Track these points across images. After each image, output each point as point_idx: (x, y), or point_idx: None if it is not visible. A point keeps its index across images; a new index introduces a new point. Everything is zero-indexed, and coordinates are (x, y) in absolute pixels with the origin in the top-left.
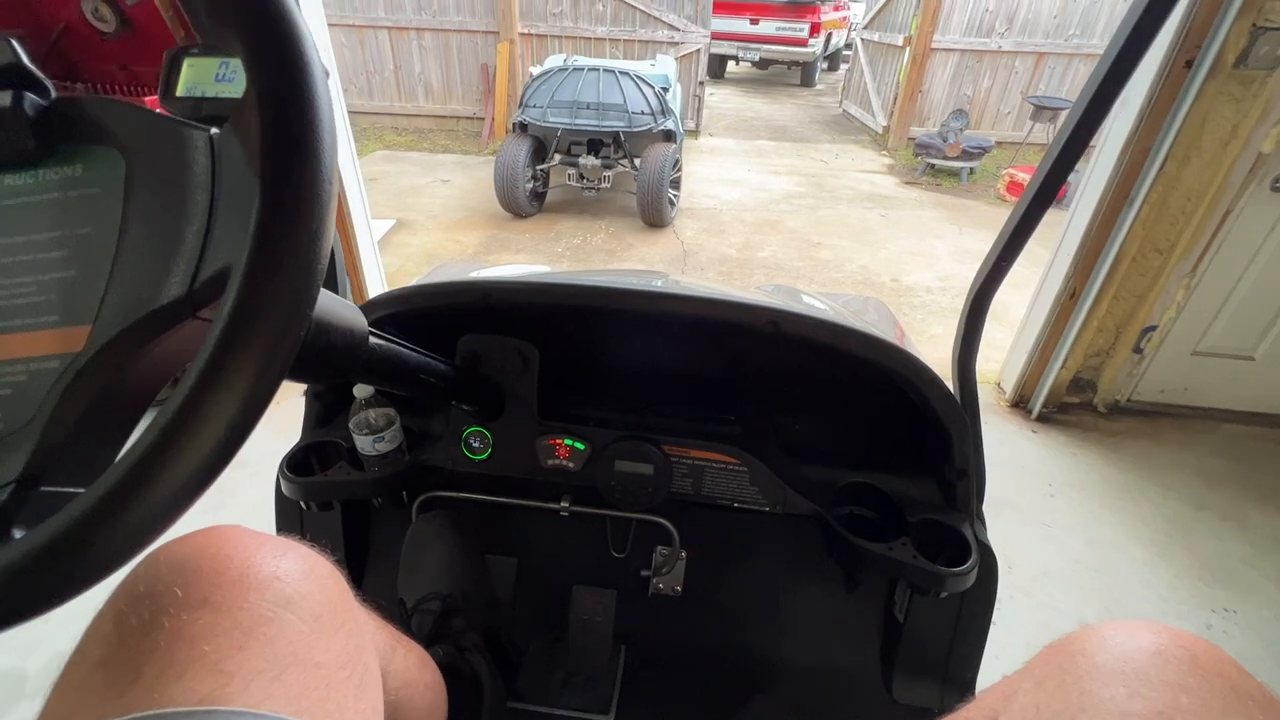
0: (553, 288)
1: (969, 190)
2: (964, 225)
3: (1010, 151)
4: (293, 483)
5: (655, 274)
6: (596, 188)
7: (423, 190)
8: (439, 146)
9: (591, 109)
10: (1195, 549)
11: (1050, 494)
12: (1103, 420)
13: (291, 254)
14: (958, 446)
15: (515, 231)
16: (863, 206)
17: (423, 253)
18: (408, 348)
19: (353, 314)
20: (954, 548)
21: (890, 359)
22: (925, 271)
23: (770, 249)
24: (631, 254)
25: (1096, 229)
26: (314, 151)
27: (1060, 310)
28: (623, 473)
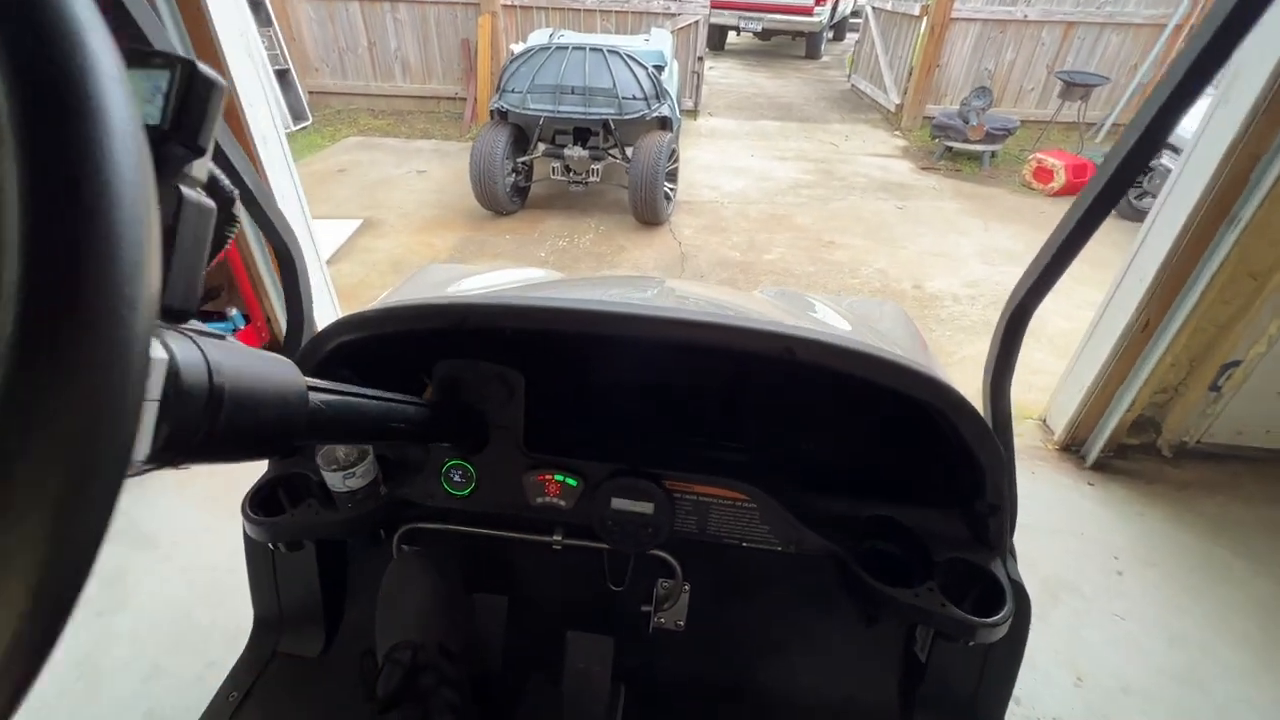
0: (539, 311)
1: (991, 176)
2: (989, 219)
3: (1034, 132)
4: (256, 524)
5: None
6: (584, 181)
7: (395, 183)
8: (417, 131)
9: (577, 94)
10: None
11: (1118, 570)
12: (1169, 468)
13: (73, 350)
14: (991, 479)
15: (494, 233)
16: (877, 197)
17: (390, 260)
18: (365, 395)
19: (282, 374)
20: (984, 588)
21: (919, 388)
22: (950, 276)
23: (778, 250)
24: (623, 258)
25: (1183, 250)
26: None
27: (1130, 343)
28: (620, 511)
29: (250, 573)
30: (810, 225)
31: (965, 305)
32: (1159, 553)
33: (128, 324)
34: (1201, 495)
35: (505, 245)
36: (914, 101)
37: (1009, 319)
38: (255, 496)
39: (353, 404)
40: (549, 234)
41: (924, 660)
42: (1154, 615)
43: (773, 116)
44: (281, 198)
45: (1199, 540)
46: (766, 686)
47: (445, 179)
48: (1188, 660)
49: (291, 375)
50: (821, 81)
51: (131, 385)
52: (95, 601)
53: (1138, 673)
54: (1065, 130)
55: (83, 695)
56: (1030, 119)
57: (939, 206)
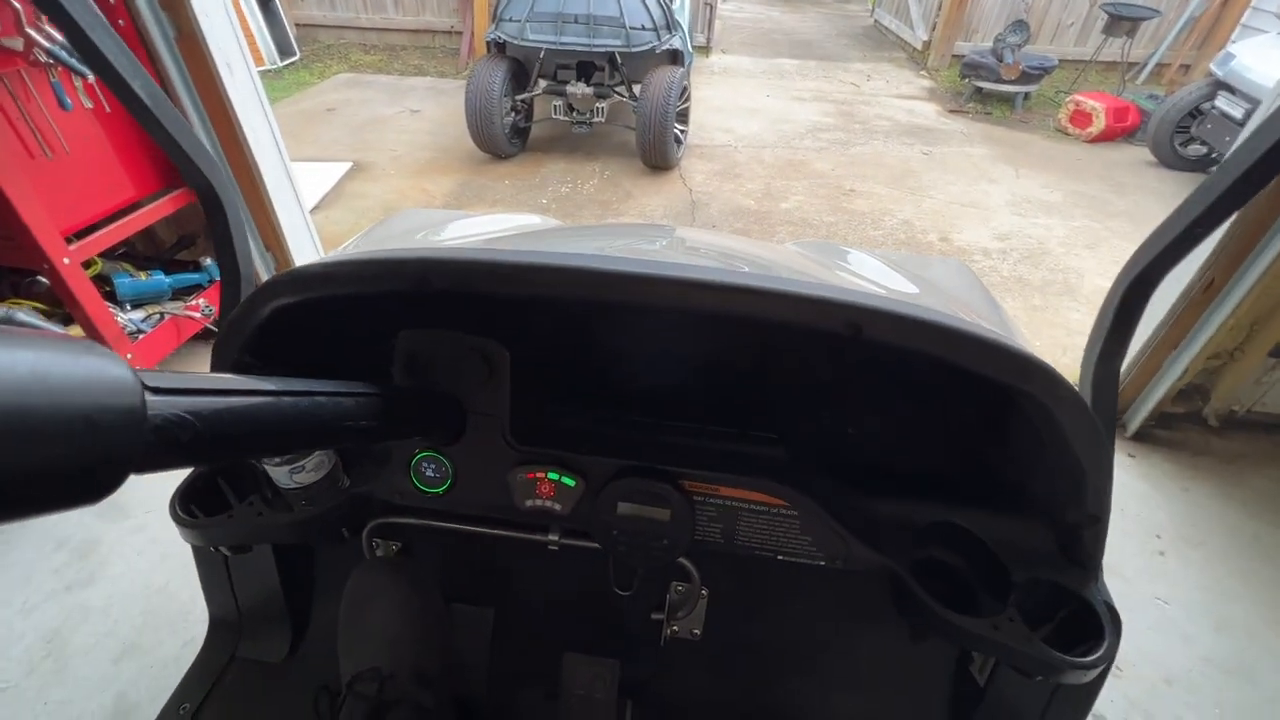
0: (524, 270)
1: (1023, 120)
2: (1020, 166)
3: (1071, 73)
4: (189, 527)
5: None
6: (589, 121)
7: (388, 123)
8: (411, 67)
9: (581, 23)
10: None
11: (1160, 550)
12: (1215, 439)
13: None
14: (1092, 483)
15: (492, 177)
16: (901, 142)
17: (382, 205)
18: (279, 392)
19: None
20: (1068, 614)
21: (1023, 376)
22: (980, 228)
23: (795, 198)
24: (630, 205)
25: (1261, 202)
26: None
27: (1189, 305)
28: (628, 518)
29: (200, 572)
30: (830, 171)
31: (996, 260)
32: (1205, 531)
33: None
34: (1251, 469)
35: (504, 190)
36: (943, 38)
37: (1126, 291)
38: (187, 492)
39: (244, 406)
40: (550, 179)
41: (982, 685)
42: (1199, 599)
43: (790, 54)
44: (255, 138)
45: (1248, 519)
46: (793, 707)
47: (441, 119)
48: (1235, 648)
49: (106, 371)
50: (843, 17)
51: None
52: (64, 574)
53: (1181, 662)
54: (1105, 71)
55: (50, 675)
56: (1068, 58)
57: (967, 152)
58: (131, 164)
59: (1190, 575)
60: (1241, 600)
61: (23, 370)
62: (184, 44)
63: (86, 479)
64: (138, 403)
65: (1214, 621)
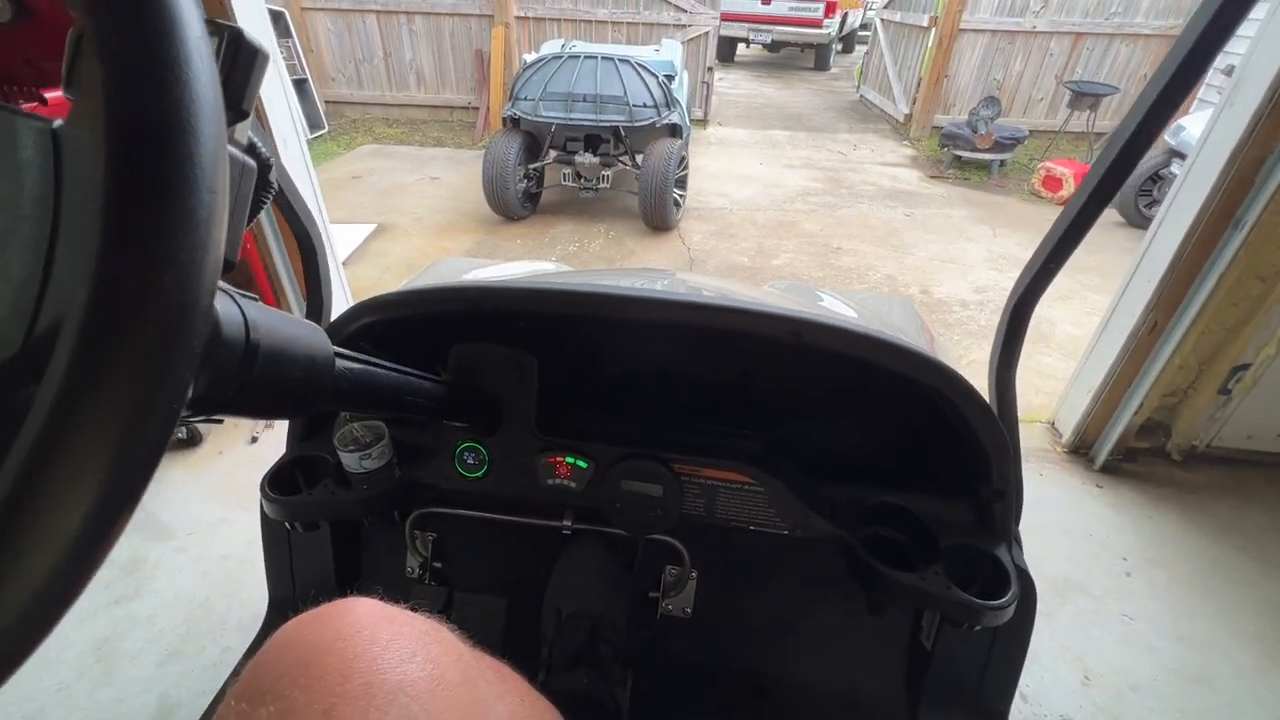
0: (552, 294)
1: (1000, 185)
2: (997, 226)
3: (1043, 141)
4: (274, 502)
5: (660, 272)
6: (595, 188)
7: (409, 189)
8: (431, 139)
9: (588, 101)
10: None
11: (1126, 572)
12: (1179, 471)
13: (147, 296)
14: (996, 465)
15: (506, 237)
16: (885, 205)
17: (404, 262)
18: (386, 367)
19: (311, 337)
20: (989, 574)
21: (923, 372)
22: (959, 281)
23: (786, 255)
24: (633, 261)
25: (1190, 253)
26: (180, 145)
27: (1137, 346)
28: (629, 493)
29: (266, 554)
30: (818, 232)
31: (974, 310)
32: (1168, 554)
33: (202, 271)
34: (1212, 498)
35: (517, 249)
36: (922, 111)
37: (1012, 311)
38: (274, 478)
39: (374, 374)
40: (560, 238)
41: (930, 648)
42: (1163, 615)
43: (781, 126)
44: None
45: (1210, 542)
46: (773, 673)
47: (458, 185)
48: (1197, 659)
49: (320, 340)
50: (830, 92)
51: (199, 327)
52: (112, 588)
53: (1146, 671)
54: (1075, 140)
55: (100, 677)
56: (1039, 129)
57: (947, 214)
58: None
59: (1155, 594)
60: (1204, 616)
61: (291, 330)
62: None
63: (305, 398)
64: (331, 357)
65: (1177, 635)
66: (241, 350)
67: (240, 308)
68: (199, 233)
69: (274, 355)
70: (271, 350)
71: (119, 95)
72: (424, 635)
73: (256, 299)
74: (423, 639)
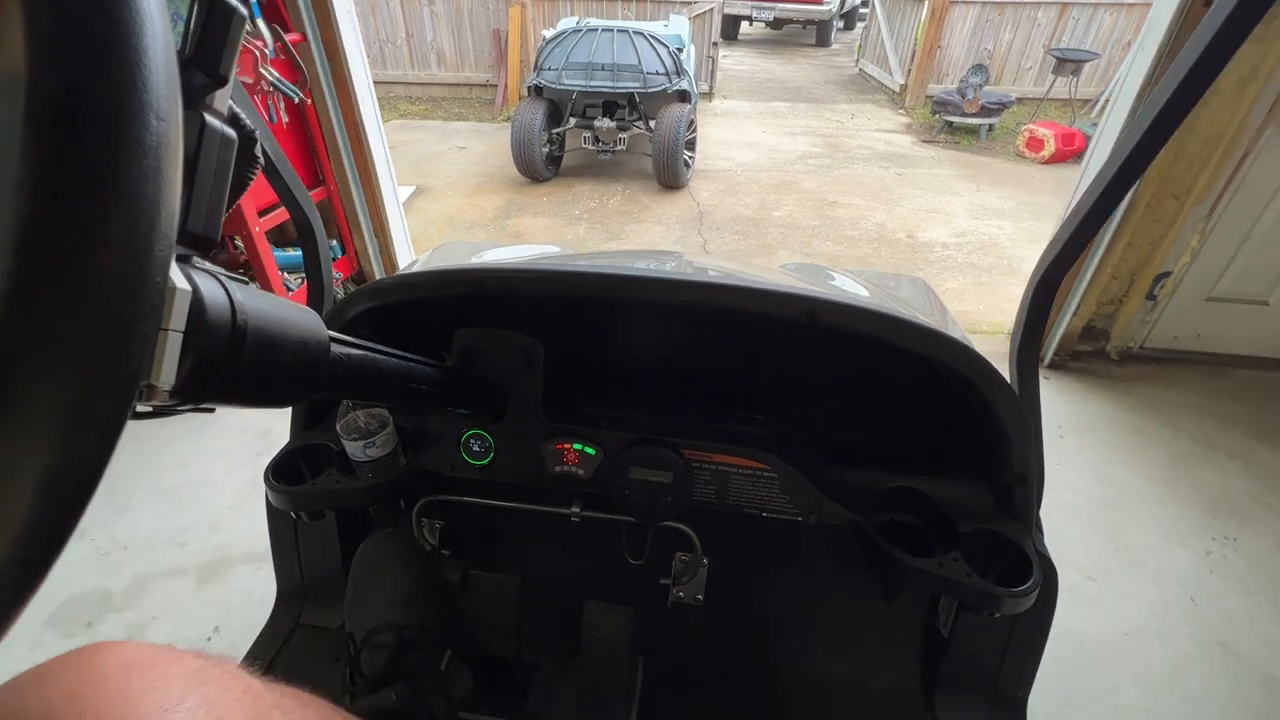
0: (557, 276)
1: (987, 148)
2: (981, 182)
3: (1030, 107)
4: (278, 491)
5: (669, 254)
6: (612, 150)
7: (439, 157)
8: (453, 115)
9: (606, 70)
10: (1201, 484)
11: (1060, 435)
12: (1115, 367)
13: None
14: (1018, 449)
15: (532, 196)
16: (879, 165)
17: (444, 217)
18: (387, 353)
19: (304, 321)
20: (1010, 560)
21: (943, 351)
22: (941, 228)
23: (786, 209)
24: (648, 215)
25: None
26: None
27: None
28: (638, 480)
29: (273, 544)
30: (816, 189)
31: (953, 250)
32: (1097, 423)
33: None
34: (1140, 385)
35: (543, 205)
36: (917, 81)
37: (1036, 287)
38: (277, 466)
39: (373, 360)
40: (581, 196)
41: (947, 635)
42: (1087, 464)
43: (783, 98)
44: (376, 154)
45: (1131, 414)
46: (785, 661)
47: (484, 154)
48: (1110, 491)
49: (315, 324)
50: (831, 67)
51: (148, 302)
52: (253, 445)
53: (1067, 499)
54: (1060, 107)
55: (254, 504)
56: (1028, 96)
57: (936, 173)
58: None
59: (1082, 450)
60: (1119, 464)
61: (283, 312)
62: (339, 84)
63: (300, 384)
64: (326, 342)
65: (1096, 477)
66: (228, 332)
67: (226, 288)
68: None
69: (264, 339)
70: (261, 333)
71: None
72: (193, 676)
73: (248, 282)
74: (192, 681)
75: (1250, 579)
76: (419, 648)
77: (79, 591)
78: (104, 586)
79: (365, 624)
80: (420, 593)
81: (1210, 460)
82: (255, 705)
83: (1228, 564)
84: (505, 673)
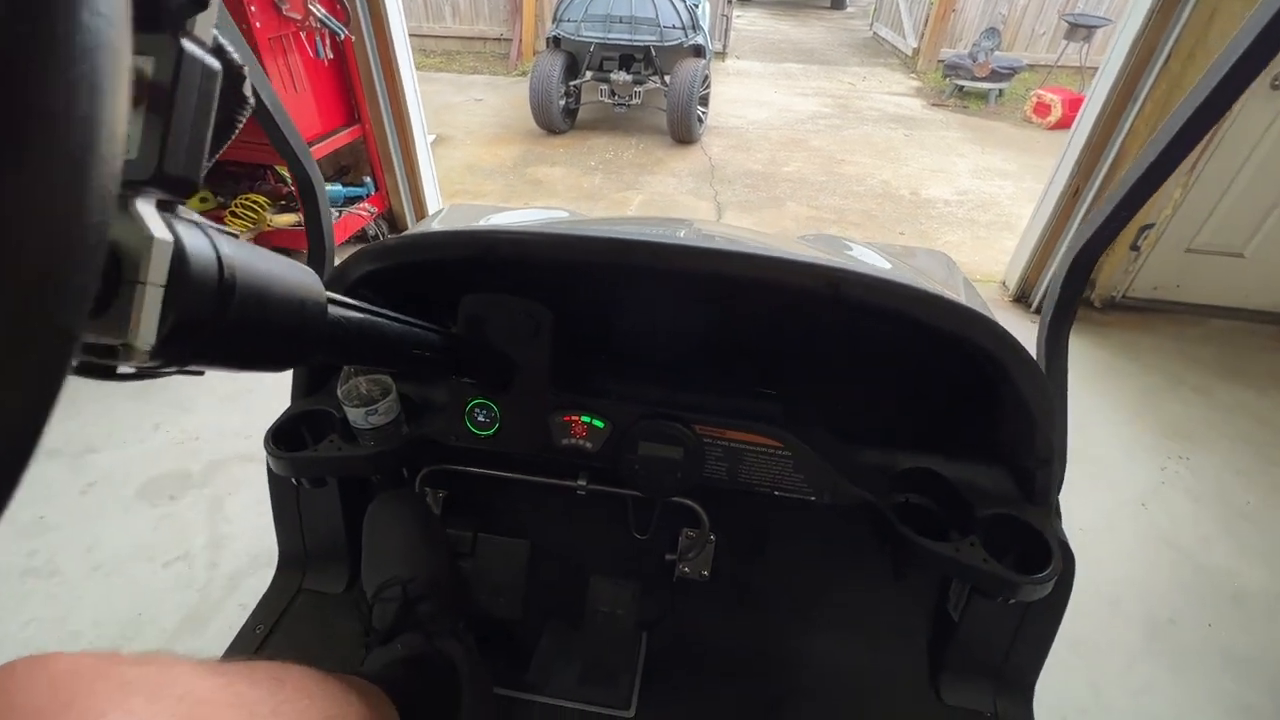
0: (571, 240)
1: (996, 112)
2: (987, 145)
3: (1041, 74)
4: (279, 458)
5: (680, 222)
6: (627, 103)
7: (457, 108)
8: (467, 68)
9: (624, 23)
10: (1163, 413)
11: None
12: (1097, 314)
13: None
14: (1042, 432)
15: (549, 147)
16: (887, 127)
17: (464, 164)
18: (389, 317)
19: (298, 278)
20: (1026, 545)
21: (970, 329)
22: (944, 186)
23: (795, 165)
24: (661, 167)
25: (1102, 125)
26: None
27: (1063, 207)
28: (648, 456)
29: (275, 509)
30: (825, 147)
31: (954, 207)
32: (1073, 361)
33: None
34: (1118, 330)
35: (560, 156)
36: (930, 45)
37: (1072, 263)
38: (278, 432)
39: (374, 323)
40: (596, 149)
41: (957, 619)
42: None
43: (796, 60)
44: (410, 100)
45: (1108, 354)
46: (790, 638)
47: (500, 106)
48: (1076, 418)
49: (311, 282)
50: (845, 30)
51: (83, 247)
52: None
53: None
54: (1072, 74)
55: None
56: (1039, 63)
57: (943, 135)
58: (325, 104)
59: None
60: (1091, 394)
61: (275, 268)
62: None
63: (294, 346)
64: (323, 301)
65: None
66: (214, 289)
67: (211, 239)
68: (72, 112)
69: (254, 295)
70: (251, 289)
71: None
72: (120, 689)
73: (238, 236)
74: (118, 694)
75: (1198, 489)
76: (427, 598)
77: (161, 472)
78: (184, 468)
79: (375, 581)
80: (427, 545)
81: (1176, 394)
82: (191, 712)
83: (1179, 477)
84: (507, 641)
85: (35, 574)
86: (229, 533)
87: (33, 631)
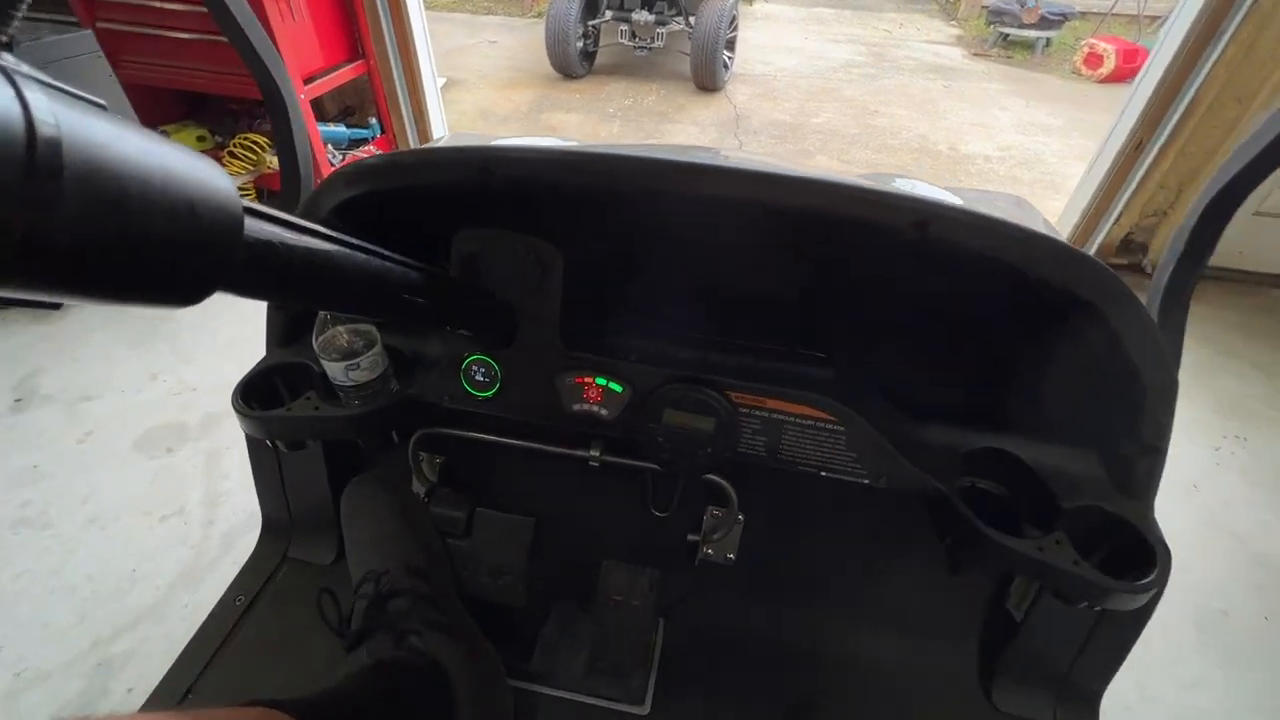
0: (588, 161)
1: (1042, 63)
2: (1031, 99)
3: (1094, 22)
4: (249, 417)
5: (708, 150)
6: (649, 46)
7: (470, 51)
8: (482, 8)
9: None
10: (1218, 389)
11: None
12: (1147, 280)
13: None
14: (1151, 409)
15: (565, 92)
16: (925, 77)
17: (477, 109)
18: (354, 246)
19: (193, 175)
20: (1116, 543)
21: (1082, 276)
22: (985, 142)
23: (825, 115)
24: (683, 115)
25: (1175, 72)
26: None
27: (1123, 162)
28: (674, 425)
29: (255, 472)
30: (857, 97)
31: (995, 164)
32: None
33: None
34: None
35: (576, 101)
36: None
37: (1204, 210)
38: (248, 386)
39: (328, 252)
40: (615, 94)
41: (1019, 619)
42: None
43: (828, 4)
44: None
45: None
46: (823, 632)
47: (514, 48)
48: None
49: (215, 181)
50: None
51: None
52: None
53: None
54: (1127, 24)
55: None
56: (1091, 11)
57: (984, 87)
58: (327, 36)
59: None
60: None
61: (148, 152)
62: None
63: (187, 274)
64: (237, 215)
65: None
66: (20, 165)
67: (19, 91)
68: None
69: (103, 185)
70: (99, 175)
71: None
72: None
73: (104, 106)
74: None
75: (1254, 471)
76: (401, 593)
77: (158, 423)
78: (180, 420)
79: (356, 575)
80: (404, 533)
81: (1231, 369)
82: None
83: (1234, 458)
84: (508, 625)
85: (28, 524)
86: (225, 489)
87: (25, 584)
